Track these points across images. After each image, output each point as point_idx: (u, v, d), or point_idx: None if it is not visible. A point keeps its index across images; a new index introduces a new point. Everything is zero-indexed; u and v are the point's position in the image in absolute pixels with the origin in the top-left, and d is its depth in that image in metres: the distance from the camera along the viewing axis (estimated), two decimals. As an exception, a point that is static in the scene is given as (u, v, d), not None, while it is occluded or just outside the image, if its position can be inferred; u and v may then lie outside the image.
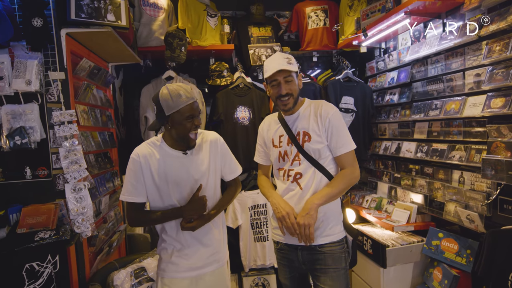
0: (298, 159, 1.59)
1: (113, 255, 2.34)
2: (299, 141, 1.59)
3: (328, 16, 3.20)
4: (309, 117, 1.60)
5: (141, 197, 1.52)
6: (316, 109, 1.61)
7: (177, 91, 1.43)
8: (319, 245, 1.57)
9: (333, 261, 1.56)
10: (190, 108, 1.45)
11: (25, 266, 1.55)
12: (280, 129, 1.66)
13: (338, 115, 1.59)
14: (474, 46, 1.95)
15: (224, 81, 2.87)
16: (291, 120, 1.64)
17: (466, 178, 2.00)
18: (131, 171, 1.50)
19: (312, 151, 1.57)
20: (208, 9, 2.97)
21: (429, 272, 2.22)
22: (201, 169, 1.55)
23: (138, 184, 1.50)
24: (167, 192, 1.52)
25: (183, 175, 1.52)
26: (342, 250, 1.59)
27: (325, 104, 1.62)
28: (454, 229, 2.21)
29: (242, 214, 2.76)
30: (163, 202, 1.54)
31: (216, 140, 1.63)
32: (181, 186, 1.52)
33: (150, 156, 1.51)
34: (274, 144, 1.68)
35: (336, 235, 1.59)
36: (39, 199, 1.74)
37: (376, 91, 3.01)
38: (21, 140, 1.69)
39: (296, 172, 1.59)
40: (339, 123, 1.57)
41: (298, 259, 1.62)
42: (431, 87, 2.30)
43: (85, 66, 1.96)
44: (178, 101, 1.42)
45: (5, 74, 1.68)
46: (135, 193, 1.50)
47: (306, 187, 1.58)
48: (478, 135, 1.93)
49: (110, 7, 1.90)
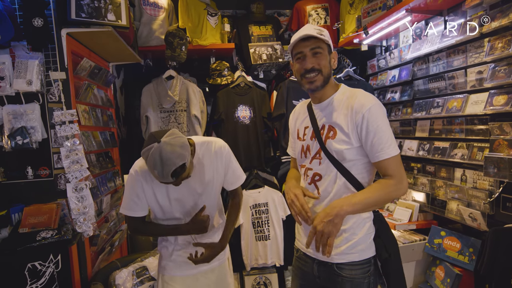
0: (319, 157, 1.32)
1: (115, 255, 2.35)
2: (322, 136, 1.31)
3: (328, 14, 3.19)
4: (339, 108, 1.29)
5: (142, 212, 1.48)
6: (350, 99, 1.28)
7: (152, 168, 1.23)
8: (336, 264, 1.28)
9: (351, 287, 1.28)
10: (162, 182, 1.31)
11: (27, 265, 1.56)
12: (307, 119, 1.40)
13: (377, 111, 1.23)
14: (476, 44, 1.94)
15: (224, 80, 2.87)
16: (319, 110, 1.35)
17: (469, 176, 1.99)
18: (131, 188, 1.44)
19: (334, 151, 1.27)
20: (209, 8, 2.97)
21: (431, 271, 2.21)
22: (204, 181, 1.49)
23: (139, 200, 1.45)
24: (169, 208, 1.48)
25: (185, 191, 1.46)
26: (366, 275, 1.28)
27: (361, 94, 1.28)
28: (456, 227, 2.20)
29: (244, 213, 2.76)
30: (165, 215, 1.51)
31: (221, 150, 1.51)
32: (183, 201, 1.48)
33: (152, 177, 1.42)
34: (298, 136, 1.44)
35: (359, 254, 1.27)
36: (40, 199, 1.74)
37: (377, 89, 2.99)
38: (23, 140, 1.70)
39: (315, 172, 1.33)
40: (379, 121, 1.21)
41: (313, 272, 1.37)
42: (433, 85, 2.29)
43: (86, 66, 1.96)
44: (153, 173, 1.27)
45: (6, 74, 1.69)
46: (135, 209, 1.46)
47: (325, 193, 1.31)
48: (480, 133, 1.92)
49: (111, 7, 1.90)
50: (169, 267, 1.55)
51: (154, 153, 1.22)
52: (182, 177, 1.30)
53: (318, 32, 1.27)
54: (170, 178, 1.24)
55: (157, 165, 1.21)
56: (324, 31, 1.30)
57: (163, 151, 1.21)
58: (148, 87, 2.78)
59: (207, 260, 1.49)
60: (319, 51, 1.27)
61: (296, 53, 1.31)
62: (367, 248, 1.29)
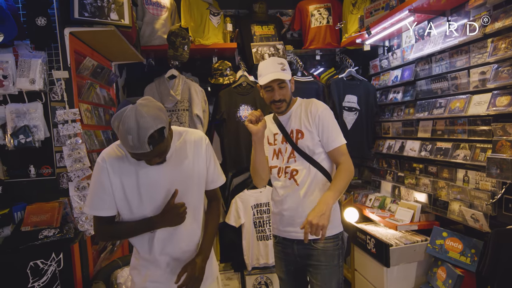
0: (293, 156, 1.65)
1: (116, 253, 2.35)
2: (292, 139, 1.65)
3: (331, 14, 3.18)
4: (300, 115, 1.66)
5: (110, 210, 1.25)
6: (306, 107, 1.66)
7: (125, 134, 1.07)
8: (313, 240, 1.61)
9: (325, 258, 1.60)
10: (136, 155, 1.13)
11: (29, 264, 1.56)
12: (274, 127, 1.73)
13: (327, 112, 1.63)
14: (479, 44, 1.93)
15: (226, 79, 2.87)
16: (285, 120, 1.70)
17: (471, 177, 1.99)
18: (97, 180, 1.23)
19: (306, 147, 1.62)
20: (211, 8, 2.97)
21: (433, 272, 2.20)
22: (182, 173, 1.29)
23: (106, 196, 1.23)
24: (138, 203, 1.24)
25: (161, 183, 1.25)
26: (336, 247, 1.63)
27: (315, 102, 1.67)
28: (458, 228, 2.19)
29: (245, 213, 2.76)
30: (133, 214, 1.26)
31: (201, 140, 1.35)
32: (156, 196, 1.25)
33: (119, 161, 1.23)
34: (269, 141, 1.74)
35: (330, 230, 1.58)
36: (43, 198, 1.75)
37: (379, 90, 2.99)
38: (25, 139, 1.70)
39: (292, 169, 1.65)
40: (329, 119, 1.62)
41: (294, 252, 1.68)
42: (436, 85, 2.29)
43: (88, 65, 1.97)
44: (124, 143, 1.10)
45: (9, 73, 1.69)
46: (102, 206, 1.24)
47: (302, 183, 1.63)
48: (483, 133, 1.91)
49: (113, 6, 1.90)
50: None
51: (128, 115, 1.06)
52: (160, 148, 1.13)
53: (281, 68, 1.59)
54: (147, 146, 1.07)
55: (131, 129, 1.05)
56: (285, 65, 1.62)
57: (139, 112, 1.06)
58: (150, 87, 2.79)
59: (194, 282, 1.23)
60: (284, 85, 1.62)
61: (265, 86, 1.63)
62: (337, 226, 1.66)
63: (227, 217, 2.75)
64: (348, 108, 2.88)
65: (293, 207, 1.64)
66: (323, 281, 1.60)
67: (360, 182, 3.36)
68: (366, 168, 3.24)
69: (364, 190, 3.10)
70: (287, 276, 1.77)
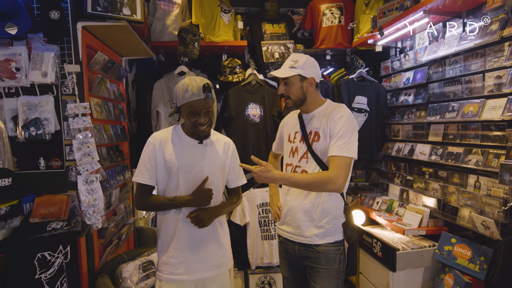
0: (306, 157, 1.64)
1: (122, 248, 2.37)
2: (309, 140, 1.64)
3: (343, 13, 3.15)
4: (322, 117, 1.63)
5: (151, 180, 1.52)
6: (332, 111, 1.63)
7: (187, 86, 1.44)
8: (315, 244, 1.61)
9: (326, 262, 1.60)
10: (191, 106, 1.45)
11: (37, 255, 1.58)
12: (297, 126, 1.72)
13: (346, 119, 1.55)
14: (496, 47, 1.88)
15: (236, 77, 2.86)
16: (307, 119, 1.69)
17: (483, 183, 1.95)
18: (145, 153, 1.52)
19: (319, 151, 1.61)
20: (222, 5, 2.96)
21: (440, 278, 2.17)
22: (214, 162, 1.56)
23: (150, 167, 1.51)
24: (176, 179, 1.50)
25: (195, 164, 1.52)
26: (338, 251, 1.62)
27: (340, 107, 1.63)
28: (467, 235, 2.15)
29: (251, 212, 2.75)
30: (170, 189, 1.53)
31: (230, 144, 1.66)
32: (191, 175, 1.51)
33: (166, 141, 1.53)
34: (289, 139, 1.74)
35: (333, 237, 1.61)
36: (52, 190, 1.76)
37: (390, 91, 2.95)
38: (36, 131, 1.72)
39: (302, 169, 1.65)
40: (344, 127, 1.53)
41: (296, 253, 1.68)
42: (449, 89, 2.24)
43: (99, 60, 1.97)
44: (184, 95, 1.45)
45: (22, 66, 1.70)
46: (146, 175, 1.51)
47: None
48: (496, 139, 1.87)
49: (126, 1, 1.90)
50: (165, 270, 1.51)
51: (186, 78, 1.48)
52: (209, 103, 1.46)
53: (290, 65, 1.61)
54: (202, 92, 1.41)
55: (189, 82, 1.44)
56: (298, 62, 1.61)
57: (193, 76, 1.48)
58: (159, 83, 2.79)
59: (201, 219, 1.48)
60: (287, 82, 1.64)
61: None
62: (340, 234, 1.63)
63: (232, 215, 2.75)
64: (357, 110, 2.84)
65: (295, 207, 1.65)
66: (321, 285, 1.60)
67: (367, 185, 3.33)
68: (374, 170, 3.20)
69: (371, 192, 3.06)
70: (291, 275, 1.78)
